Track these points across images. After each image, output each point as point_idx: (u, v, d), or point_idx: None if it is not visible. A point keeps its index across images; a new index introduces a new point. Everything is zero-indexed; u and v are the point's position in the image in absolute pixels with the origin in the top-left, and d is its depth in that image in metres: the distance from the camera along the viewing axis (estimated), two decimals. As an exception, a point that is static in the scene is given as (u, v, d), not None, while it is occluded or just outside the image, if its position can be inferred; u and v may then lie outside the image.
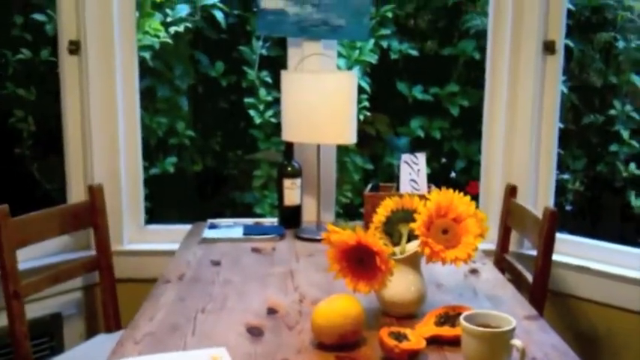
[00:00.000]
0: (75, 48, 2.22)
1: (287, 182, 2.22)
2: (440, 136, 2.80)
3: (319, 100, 2.04)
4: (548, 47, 2.26)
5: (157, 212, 2.64)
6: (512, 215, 2.15)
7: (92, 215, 2.10)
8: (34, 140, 2.70)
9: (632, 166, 2.71)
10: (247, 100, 2.72)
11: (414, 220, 1.42)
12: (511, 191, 2.17)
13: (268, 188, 2.76)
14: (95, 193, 2.09)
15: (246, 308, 1.52)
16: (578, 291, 2.25)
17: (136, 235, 2.40)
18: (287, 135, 2.16)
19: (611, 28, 2.74)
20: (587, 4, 2.72)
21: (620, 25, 2.72)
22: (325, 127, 2.07)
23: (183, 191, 2.85)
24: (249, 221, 2.30)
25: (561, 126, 2.45)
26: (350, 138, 2.13)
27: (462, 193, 1.43)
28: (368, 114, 2.73)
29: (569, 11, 2.35)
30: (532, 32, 2.25)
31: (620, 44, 2.71)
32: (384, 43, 2.75)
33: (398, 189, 2.21)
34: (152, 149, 2.71)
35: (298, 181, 2.23)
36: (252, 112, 2.70)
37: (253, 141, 2.78)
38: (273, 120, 2.68)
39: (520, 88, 2.29)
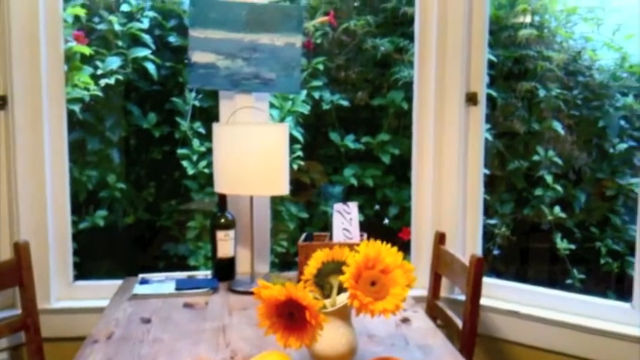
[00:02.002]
0: (2, 103, 2.18)
1: (220, 234, 2.21)
2: (373, 184, 2.85)
3: (251, 152, 2.05)
4: (471, 98, 2.35)
5: (87, 267, 2.57)
6: (441, 262, 2.19)
7: (18, 273, 2.03)
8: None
9: (557, 209, 2.81)
10: (180, 150, 2.71)
11: (344, 272, 1.43)
12: (440, 238, 2.22)
13: (202, 239, 2.73)
14: (21, 250, 2.03)
15: (176, 367, 1.50)
16: (507, 334, 2.30)
17: (64, 293, 2.34)
18: (220, 187, 2.16)
19: (532, 77, 2.86)
20: (509, 55, 2.85)
21: (541, 74, 2.85)
22: (258, 179, 2.08)
23: (115, 245, 2.79)
24: (182, 275, 2.27)
25: (487, 172, 2.53)
26: (283, 189, 2.13)
27: (389, 244, 1.45)
28: (302, 163, 2.75)
29: (492, 62, 2.45)
30: (455, 84, 2.34)
31: (541, 92, 2.83)
32: (316, 94, 2.80)
33: (331, 238, 2.23)
34: (82, 203, 2.65)
35: (232, 232, 2.23)
36: (185, 163, 2.69)
37: (187, 191, 2.76)
38: (206, 170, 2.67)
39: (445, 136, 2.37)
